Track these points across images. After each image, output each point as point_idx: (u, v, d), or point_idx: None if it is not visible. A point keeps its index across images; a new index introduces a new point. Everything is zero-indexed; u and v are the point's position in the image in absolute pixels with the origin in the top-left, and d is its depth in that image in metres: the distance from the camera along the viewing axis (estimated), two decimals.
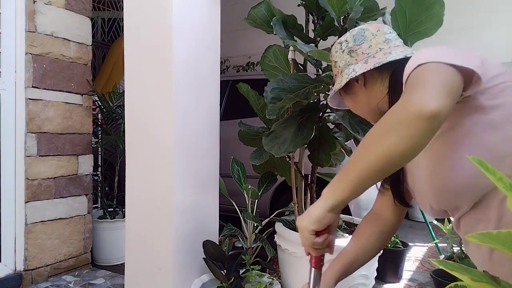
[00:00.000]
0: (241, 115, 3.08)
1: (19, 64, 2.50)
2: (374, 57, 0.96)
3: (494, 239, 0.47)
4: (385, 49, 0.96)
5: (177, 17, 1.97)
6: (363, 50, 0.98)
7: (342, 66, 1.02)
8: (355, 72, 0.95)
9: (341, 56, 1.02)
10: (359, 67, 0.95)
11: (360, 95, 1.00)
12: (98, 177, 3.33)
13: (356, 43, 0.99)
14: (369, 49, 0.97)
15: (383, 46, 0.97)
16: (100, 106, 3.17)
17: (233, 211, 2.42)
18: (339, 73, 1.03)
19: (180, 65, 2.01)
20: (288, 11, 2.09)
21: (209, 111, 2.23)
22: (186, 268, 2.10)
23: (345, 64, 1.01)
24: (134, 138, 2.15)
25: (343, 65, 1.01)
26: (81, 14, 2.81)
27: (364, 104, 1.01)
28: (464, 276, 0.56)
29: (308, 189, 2.24)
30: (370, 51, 0.97)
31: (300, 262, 1.93)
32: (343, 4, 1.74)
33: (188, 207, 2.10)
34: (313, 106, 2.05)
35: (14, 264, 2.52)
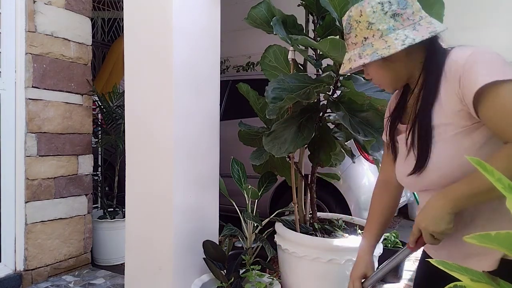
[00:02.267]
0: (241, 115, 3.09)
1: (19, 64, 2.50)
2: (420, 24, 0.93)
3: (493, 240, 0.48)
4: (425, 18, 0.95)
5: (177, 17, 1.97)
6: (408, 15, 0.94)
7: (383, 29, 0.93)
8: (411, 39, 0.90)
9: (382, 18, 0.93)
10: (412, 33, 0.91)
11: (398, 63, 0.98)
12: (98, 177, 3.33)
13: (400, 6, 0.94)
14: (413, 15, 0.94)
15: (422, 14, 0.96)
16: (100, 106, 3.17)
17: (233, 211, 2.42)
18: (377, 36, 0.94)
19: (180, 65, 2.01)
20: (288, 11, 2.08)
21: (209, 111, 2.23)
22: (186, 268, 2.10)
23: (388, 28, 0.93)
24: (134, 138, 2.15)
25: (385, 29, 0.93)
26: (81, 14, 2.81)
27: (397, 72, 1.00)
28: (464, 276, 0.56)
29: (308, 189, 2.25)
30: (414, 18, 0.94)
31: (300, 262, 1.93)
32: (345, 5, 1.74)
33: (188, 207, 2.10)
34: (314, 106, 2.05)
35: (14, 264, 2.52)
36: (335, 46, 1.57)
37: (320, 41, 1.59)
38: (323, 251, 1.86)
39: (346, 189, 2.98)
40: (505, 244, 0.47)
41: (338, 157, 2.23)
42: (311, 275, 1.92)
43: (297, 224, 2.09)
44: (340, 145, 2.20)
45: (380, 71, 1.00)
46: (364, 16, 0.95)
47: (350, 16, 0.99)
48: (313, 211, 2.22)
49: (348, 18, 0.99)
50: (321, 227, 2.15)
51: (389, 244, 2.71)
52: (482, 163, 0.43)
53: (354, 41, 0.99)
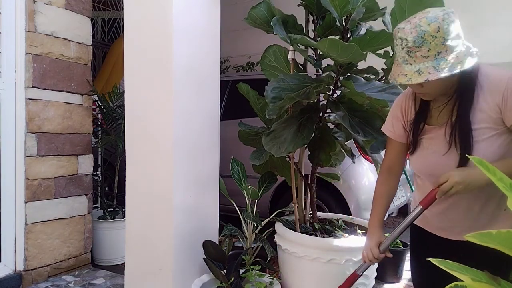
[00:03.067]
0: (241, 115, 3.08)
1: (19, 64, 2.50)
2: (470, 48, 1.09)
3: (494, 239, 0.48)
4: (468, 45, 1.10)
5: (177, 17, 1.97)
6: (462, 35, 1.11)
7: (452, 46, 1.06)
8: (475, 56, 1.07)
9: (452, 36, 1.05)
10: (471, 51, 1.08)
11: (454, 77, 1.11)
12: (98, 177, 3.33)
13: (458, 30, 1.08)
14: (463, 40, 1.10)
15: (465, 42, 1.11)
16: (100, 106, 3.17)
17: (233, 211, 2.42)
18: (449, 52, 1.05)
19: (180, 65, 2.01)
20: (288, 11, 2.08)
21: (209, 111, 2.23)
22: (186, 268, 2.10)
23: (456, 45, 1.06)
24: (134, 138, 2.15)
25: (454, 46, 1.06)
26: (81, 14, 2.81)
27: (447, 84, 1.14)
28: (464, 276, 0.56)
29: (308, 189, 2.24)
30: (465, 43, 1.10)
31: (300, 262, 1.93)
32: (345, 5, 1.74)
33: (188, 207, 2.10)
34: (313, 106, 2.05)
35: (14, 264, 2.52)
36: (334, 46, 1.57)
37: (319, 41, 1.59)
38: (323, 251, 1.86)
39: (346, 189, 2.98)
40: (505, 243, 0.47)
41: (338, 157, 2.23)
42: (311, 275, 1.92)
43: (297, 224, 2.09)
44: (340, 145, 2.20)
45: (438, 82, 1.10)
46: (441, 33, 1.04)
47: (424, 31, 1.04)
48: (313, 211, 2.22)
49: (421, 33, 1.05)
50: (321, 227, 2.15)
51: None
52: (484, 163, 0.43)
53: (425, 54, 1.06)
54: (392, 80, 1.13)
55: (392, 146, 1.38)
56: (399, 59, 1.11)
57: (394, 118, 1.35)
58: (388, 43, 1.69)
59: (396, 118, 1.34)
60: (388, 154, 1.41)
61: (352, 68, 1.91)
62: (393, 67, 1.14)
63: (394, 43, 1.12)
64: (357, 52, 1.55)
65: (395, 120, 1.34)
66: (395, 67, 1.13)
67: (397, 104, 1.35)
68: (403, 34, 1.07)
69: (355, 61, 1.74)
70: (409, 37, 1.06)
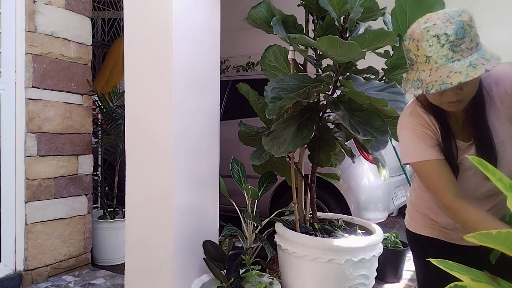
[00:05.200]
0: (241, 115, 3.08)
1: (19, 64, 2.50)
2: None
3: (494, 239, 0.47)
4: None
5: (177, 17, 1.97)
6: None
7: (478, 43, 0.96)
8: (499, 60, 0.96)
9: (476, 36, 0.97)
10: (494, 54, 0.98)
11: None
12: (98, 177, 3.33)
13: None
14: None
15: None
16: (100, 106, 3.17)
17: (233, 211, 2.42)
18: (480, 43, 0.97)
19: (180, 65, 2.01)
20: (288, 11, 2.08)
21: (209, 111, 2.23)
22: (186, 268, 2.10)
23: (479, 44, 0.97)
24: (134, 138, 2.15)
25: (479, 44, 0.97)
26: (81, 14, 2.81)
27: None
28: (464, 276, 0.56)
29: (308, 189, 2.24)
30: None
31: (300, 262, 1.93)
32: (343, 4, 1.74)
33: (188, 207, 2.10)
34: (313, 106, 2.05)
35: (14, 264, 2.52)
36: (333, 45, 1.56)
37: (318, 40, 1.59)
38: (323, 251, 1.86)
39: (346, 189, 2.98)
40: (505, 243, 0.47)
41: (338, 157, 2.23)
42: (311, 275, 1.92)
43: (297, 224, 2.09)
44: (340, 145, 2.19)
45: (475, 83, 1.02)
46: (473, 22, 0.96)
47: (461, 21, 0.94)
48: (313, 211, 2.22)
49: (459, 23, 0.94)
50: (321, 227, 2.15)
51: (389, 244, 2.71)
52: (483, 163, 0.43)
53: (469, 46, 0.94)
54: (439, 86, 0.93)
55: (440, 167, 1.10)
56: (438, 61, 0.94)
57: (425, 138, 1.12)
58: (387, 41, 1.69)
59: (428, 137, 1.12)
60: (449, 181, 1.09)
61: (352, 68, 1.91)
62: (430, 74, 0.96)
63: (421, 47, 0.97)
64: (356, 50, 1.55)
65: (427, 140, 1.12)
66: (434, 73, 0.95)
67: (417, 124, 1.14)
68: (439, 30, 0.93)
69: (354, 60, 1.74)
70: (448, 31, 0.93)
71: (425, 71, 0.97)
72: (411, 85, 1.00)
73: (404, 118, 1.19)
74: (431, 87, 0.94)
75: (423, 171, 1.12)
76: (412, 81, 1.00)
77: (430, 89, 0.94)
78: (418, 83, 0.98)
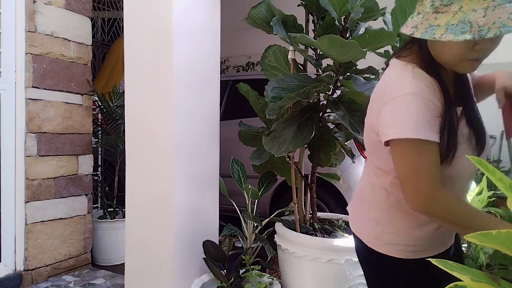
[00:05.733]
0: (241, 115, 3.08)
1: (19, 64, 2.50)
2: None
3: (494, 239, 0.47)
4: None
5: (177, 17, 1.97)
6: None
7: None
8: None
9: None
10: None
11: None
12: (98, 177, 3.33)
13: None
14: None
15: None
16: (100, 106, 3.17)
17: (233, 211, 2.42)
18: None
19: (180, 65, 2.01)
20: (288, 11, 2.08)
21: (209, 111, 2.23)
22: (186, 268, 2.10)
23: None
24: (134, 138, 2.15)
25: None
26: (81, 14, 2.81)
27: None
28: (464, 276, 0.56)
29: (308, 189, 2.24)
30: None
31: (300, 262, 1.93)
32: (344, 4, 1.74)
33: (188, 207, 2.10)
34: (313, 106, 2.05)
35: (14, 264, 2.52)
36: (334, 44, 1.56)
37: (319, 39, 1.59)
38: (323, 251, 1.86)
39: (346, 189, 2.98)
40: (505, 243, 0.47)
41: (338, 157, 2.23)
42: (311, 275, 1.92)
43: (297, 224, 2.09)
44: (340, 145, 2.20)
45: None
46: None
47: None
48: (313, 211, 2.22)
49: None
50: (321, 227, 2.15)
51: None
52: (483, 163, 0.43)
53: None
54: (497, 30, 0.76)
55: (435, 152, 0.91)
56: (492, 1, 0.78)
57: (431, 114, 0.90)
58: (387, 41, 1.69)
59: (434, 109, 0.91)
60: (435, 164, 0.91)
61: (352, 68, 1.91)
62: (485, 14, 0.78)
63: None
64: (357, 50, 1.55)
65: (434, 113, 0.90)
66: (491, 13, 0.78)
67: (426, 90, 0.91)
68: None
69: (354, 60, 1.74)
70: None
71: (477, 11, 0.79)
72: (448, 30, 0.81)
73: (406, 81, 0.92)
74: (487, 31, 0.77)
75: (415, 154, 0.89)
76: (450, 25, 0.81)
77: (486, 33, 0.77)
78: (463, 27, 0.79)
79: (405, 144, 0.89)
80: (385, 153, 0.98)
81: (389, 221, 1.05)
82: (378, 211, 1.07)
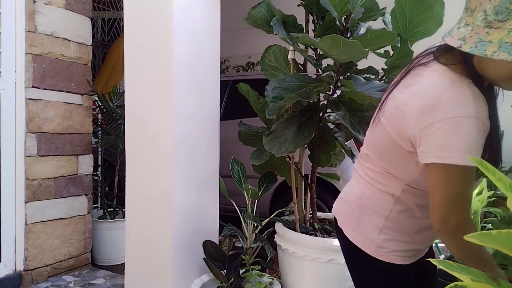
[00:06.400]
0: (241, 115, 3.08)
1: (19, 64, 2.50)
2: None
3: (494, 239, 0.47)
4: None
5: (177, 17, 1.97)
6: None
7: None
8: None
9: None
10: None
11: None
12: (98, 177, 3.33)
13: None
14: None
15: None
16: (100, 106, 3.17)
17: (233, 211, 2.42)
18: None
19: (180, 65, 2.01)
20: (288, 11, 2.08)
21: (209, 111, 2.23)
22: (186, 268, 2.10)
23: None
24: (134, 138, 2.15)
25: None
26: (81, 14, 2.81)
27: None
28: (464, 276, 0.56)
29: (308, 189, 2.24)
30: None
31: (300, 262, 1.93)
32: (345, 4, 1.74)
33: (188, 207, 2.10)
34: (314, 106, 2.05)
35: (14, 264, 2.52)
36: (336, 44, 1.56)
37: (321, 39, 1.59)
38: (323, 251, 1.86)
39: None
40: (505, 243, 0.47)
41: (338, 157, 2.23)
42: (311, 275, 1.92)
43: (297, 224, 2.09)
44: (340, 145, 2.20)
45: None
46: None
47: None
48: (313, 211, 2.22)
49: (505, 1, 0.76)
50: (321, 227, 2.15)
51: None
52: (484, 163, 0.43)
53: None
54: None
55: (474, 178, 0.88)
56: None
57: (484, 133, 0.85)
58: (388, 42, 1.69)
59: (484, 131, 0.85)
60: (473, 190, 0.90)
61: (352, 68, 1.91)
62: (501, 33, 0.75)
63: None
64: (359, 50, 1.55)
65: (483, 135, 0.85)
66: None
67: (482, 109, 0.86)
68: None
69: (356, 60, 1.74)
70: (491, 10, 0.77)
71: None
72: (502, 48, 0.75)
73: (467, 101, 0.84)
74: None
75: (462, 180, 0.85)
76: (504, 43, 0.75)
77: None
78: None
79: (457, 170, 0.84)
80: (406, 162, 0.94)
81: (394, 228, 1.02)
82: (381, 218, 1.03)
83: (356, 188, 1.10)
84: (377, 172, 1.03)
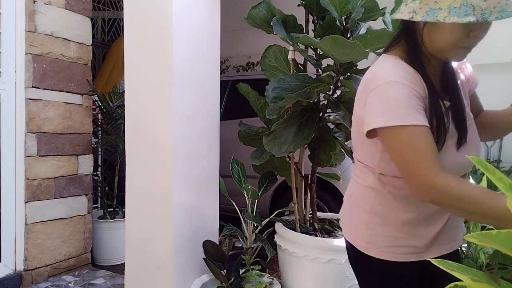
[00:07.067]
0: (241, 115, 3.08)
1: (19, 64, 2.50)
2: None
3: (494, 239, 0.48)
4: None
5: (177, 17, 1.97)
6: None
7: None
8: None
9: None
10: None
11: None
12: (98, 177, 3.33)
13: None
14: None
15: None
16: (100, 106, 3.17)
17: (233, 211, 2.42)
18: None
19: (180, 65, 2.01)
20: (288, 11, 2.08)
21: (209, 111, 2.23)
22: (186, 268, 2.10)
23: None
24: (134, 138, 2.15)
25: None
26: (81, 14, 2.81)
27: None
28: (464, 276, 0.56)
29: (308, 189, 2.24)
30: None
31: (300, 262, 1.93)
32: (345, 4, 1.74)
33: (188, 207, 2.10)
34: (314, 106, 2.05)
35: (14, 264, 2.52)
36: (337, 44, 1.56)
37: (321, 39, 1.59)
38: (323, 251, 1.86)
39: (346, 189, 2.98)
40: (505, 243, 0.47)
41: (338, 157, 2.23)
42: (311, 275, 1.92)
43: (297, 224, 2.09)
44: (340, 145, 2.20)
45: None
46: None
47: None
48: (313, 211, 2.22)
49: None
50: (321, 227, 2.15)
51: None
52: (483, 163, 0.43)
53: None
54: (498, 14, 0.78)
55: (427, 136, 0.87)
56: None
57: (414, 99, 0.88)
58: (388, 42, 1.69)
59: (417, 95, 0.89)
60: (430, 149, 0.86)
61: (352, 68, 1.91)
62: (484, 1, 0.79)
63: None
64: (360, 50, 1.55)
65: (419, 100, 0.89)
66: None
67: (407, 78, 0.90)
68: None
69: (356, 60, 1.74)
70: None
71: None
72: (451, 13, 0.81)
73: (386, 71, 0.92)
74: (489, 14, 0.78)
75: (406, 140, 0.85)
76: (452, 8, 0.81)
77: (488, 16, 0.78)
78: (467, 10, 0.79)
79: (394, 133, 0.87)
80: (369, 146, 0.98)
81: (380, 222, 1.01)
82: (366, 213, 1.04)
83: (349, 188, 1.16)
84: (358, 169, 1.08)
